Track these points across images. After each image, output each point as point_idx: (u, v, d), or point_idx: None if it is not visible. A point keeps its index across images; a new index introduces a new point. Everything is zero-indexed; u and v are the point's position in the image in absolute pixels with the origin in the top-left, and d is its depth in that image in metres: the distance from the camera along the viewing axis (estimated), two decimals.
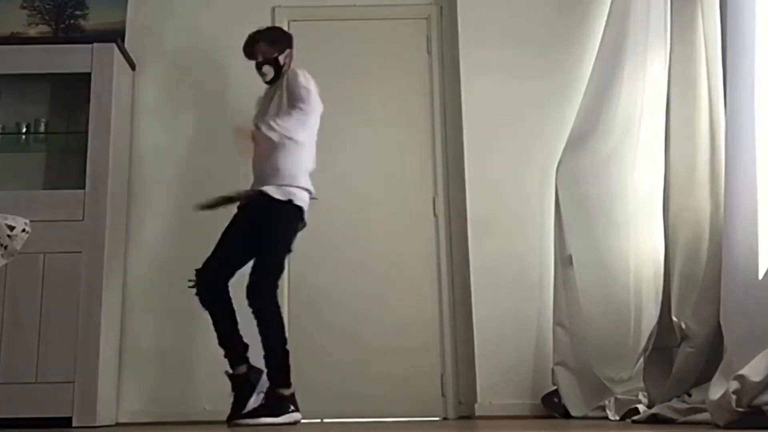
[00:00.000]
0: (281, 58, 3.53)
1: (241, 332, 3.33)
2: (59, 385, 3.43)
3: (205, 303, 3.31)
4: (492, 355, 3.73)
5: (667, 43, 3.16)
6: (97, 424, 3.44)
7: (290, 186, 3.35)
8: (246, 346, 3.31)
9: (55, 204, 3.62)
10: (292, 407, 3.27)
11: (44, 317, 3.50)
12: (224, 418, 3.78)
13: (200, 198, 3.44)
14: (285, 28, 4.23)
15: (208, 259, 3.33)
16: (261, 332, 3.26)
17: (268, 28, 3.65)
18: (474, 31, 4.10)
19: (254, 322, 3.25)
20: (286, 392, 3.27)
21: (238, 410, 3.23)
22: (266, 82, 3.56)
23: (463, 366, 3.86)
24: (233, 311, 3.32)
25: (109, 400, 3.65)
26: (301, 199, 3.39)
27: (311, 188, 3.43)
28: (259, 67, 3.53)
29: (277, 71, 3.51)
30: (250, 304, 3.24)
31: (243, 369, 3.28)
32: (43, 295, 3.53)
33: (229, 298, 3.32)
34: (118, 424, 3.74)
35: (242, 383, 3.27)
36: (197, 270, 3.30)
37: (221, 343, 3.32)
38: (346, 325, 3.41)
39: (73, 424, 3.40)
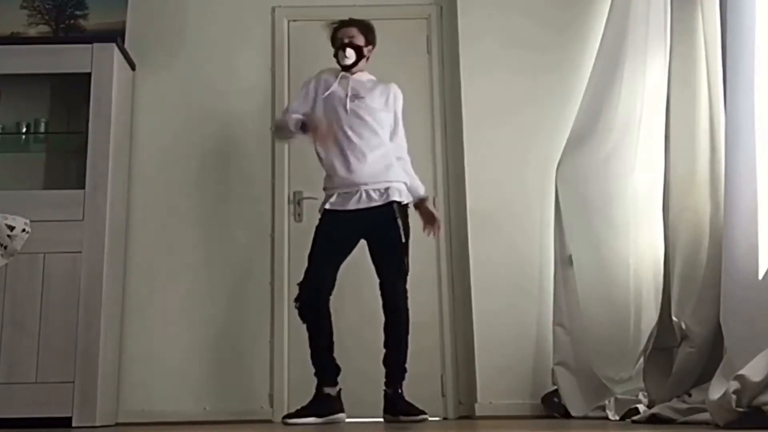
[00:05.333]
0: (365, 50, 3.58)
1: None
2: (59, 385, 3.43)
3: None
4: (492, 355, 3.73)
5: (667, 43, 3.16)
6: (97, 424, 3.44)
7: None
8: None
9: (55, 204, 3.62)
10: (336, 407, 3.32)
11: (44, 317, 3.50)
12: (223, 418, 3.79)
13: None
14: (285, 28, 4.25)
15: None
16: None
17: (362, 20, 3.66)
18: (474, 30, 4.11)
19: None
20: (332, 391, 3.33)
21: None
22: (342, 67, 3.55)
23: (463, 366, 3.86)
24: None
25: (109, 400, 3.65)
26: None
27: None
28: (342, 48, 3.54)
29: (358, 58, 3.54)
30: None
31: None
32: (43, 295, 3.53)
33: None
34: (118, 424, 3.74)
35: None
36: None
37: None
38: (347, 326, 3.41)
39: (73, 424, 3.40)
